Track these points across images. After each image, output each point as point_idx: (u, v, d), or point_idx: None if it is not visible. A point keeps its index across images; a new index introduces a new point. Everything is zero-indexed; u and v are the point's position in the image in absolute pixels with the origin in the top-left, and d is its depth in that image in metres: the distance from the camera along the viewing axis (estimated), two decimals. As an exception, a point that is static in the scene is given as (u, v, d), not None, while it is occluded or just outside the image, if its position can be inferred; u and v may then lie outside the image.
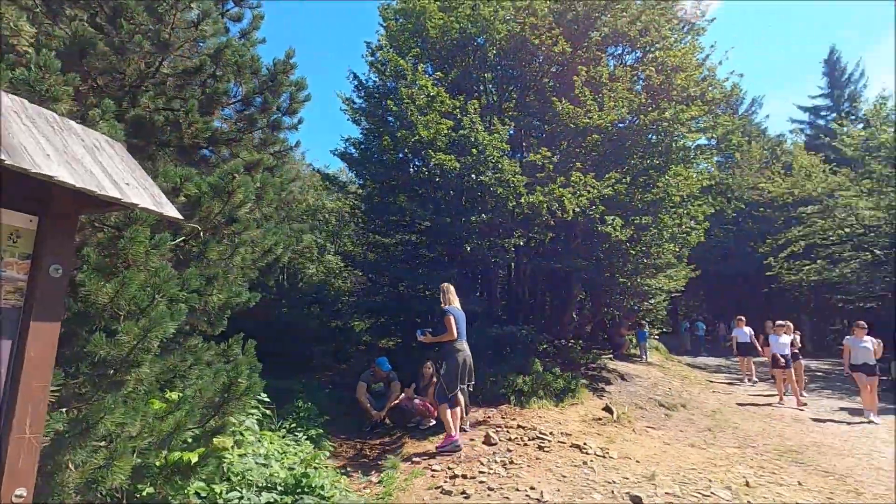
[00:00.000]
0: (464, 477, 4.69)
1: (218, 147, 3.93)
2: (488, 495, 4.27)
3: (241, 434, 3.46)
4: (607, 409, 7.42)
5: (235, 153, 4.18)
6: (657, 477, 4.87)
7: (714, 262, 26.09)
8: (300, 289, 12.66)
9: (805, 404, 9.47)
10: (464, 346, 5.58)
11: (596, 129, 8.18)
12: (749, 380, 12.41)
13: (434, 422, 6.52)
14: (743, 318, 13.46)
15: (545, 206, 6.96)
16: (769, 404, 9.57)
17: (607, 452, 5.56)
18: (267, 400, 4.04)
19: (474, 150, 6.98)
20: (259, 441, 3.66)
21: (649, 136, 9.07)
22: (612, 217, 7.67)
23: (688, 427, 7.43)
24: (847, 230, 17.34)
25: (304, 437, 4.58)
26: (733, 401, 10.08)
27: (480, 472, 4.80)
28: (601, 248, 9.41)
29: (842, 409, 9.62)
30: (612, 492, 4.42)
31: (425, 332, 5.81)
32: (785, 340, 10.13)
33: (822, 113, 28.59)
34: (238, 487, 2.84)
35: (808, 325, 22.89)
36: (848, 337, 9.21)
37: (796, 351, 10.53)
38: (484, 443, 5.73)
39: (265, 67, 4.00)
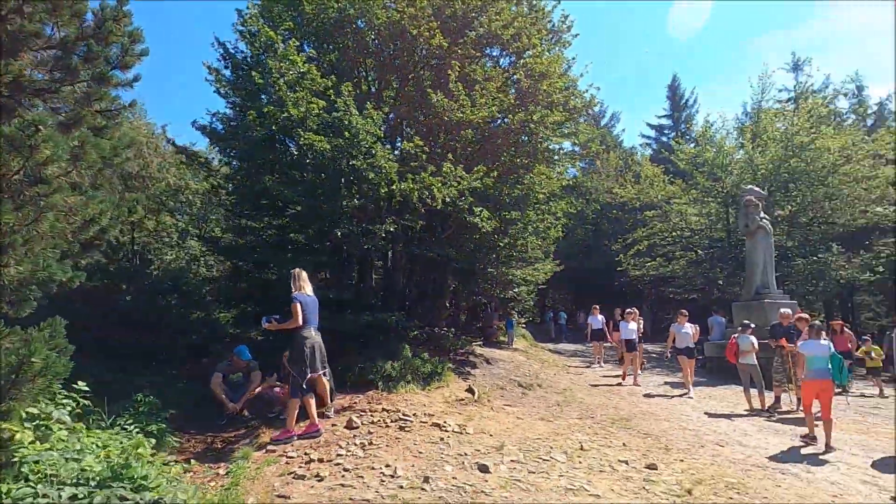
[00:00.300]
0: (320, 461, 4.62)
1: (27, 97, 3.33)
2: (343, 476, 4.26)
3: (48, 427, 3.01)
4: (470, 390, 7.83)
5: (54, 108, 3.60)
6: (505, 447, 5.27)
7: (577, 258, 28.86)
8: (154, 275, 11.39)
9: (639, 385, 10.77)
10: (311, 333, 5.43)
11: (468, 124, 8.53)
12: (599, 363, 13.90)
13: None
14: (597, 307, 14.87)
15: (416, 193, 7.12)
16: (618, 384, 10.75)
17: (464, 429, 5.86)
18: (86, 389, 3.55)
19: (347, 133, 6.87)
20: (73, 435, 3.22)
21: (519, 136, 9.70)
22: (480, 209, 8.09)
23: (540, 403, 8.14)
24: (678, 233, 20.26)
25: (138, 431, 4.13)
26: (583, 380, 11.26)
27: (338, 455, 4.76)
28: (472, 238, 9.87)
29: (666, 383, 11.25)
30: (463, 462, 4.68)
31: (271, 320, 5.56)
32: (633, 327, 11.51)
33: (665, 131, 33.05)
34: (36, 484, 2.47)
35: (649, 314, 26.33)
36: (673, 324, 10.69)
37: (639, 336, 12.01)
38: (346, 427, 5.69)
39: (91, 11, 3.47)
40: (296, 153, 7.68)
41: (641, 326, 12.77)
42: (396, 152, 8.13)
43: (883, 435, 7.00)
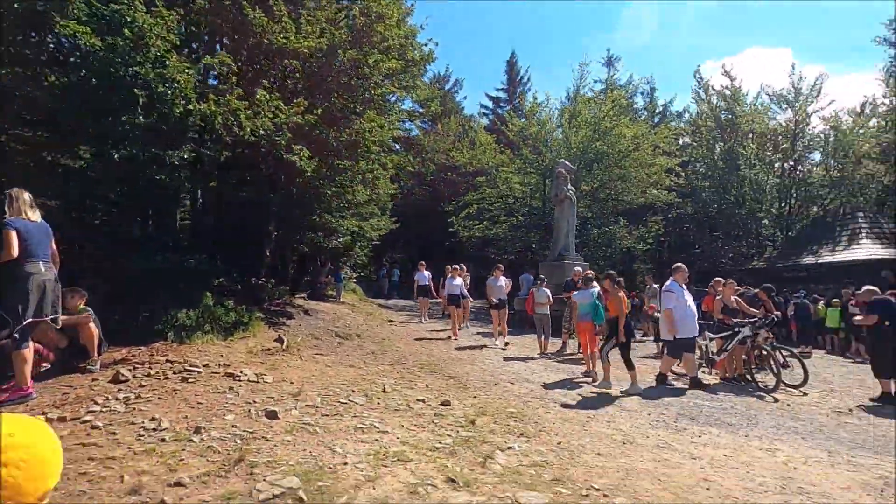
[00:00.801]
0: (61, 420, 3.81)
1: None
2: (88, 435, 3.56)
3: None
4: (279, 339, 7.39)
5: None
6: (303, 393, 5.05)
7: (415, 218, 29.58)
8: None
9: (457, 337, 11.39)
10: (38, 268, 4.32)
11: (294, 53, 7.71)
12: (424, 317, 14.25)
13: (49, 365, 5.18)
14: (423, 263, 15.27)
15: (219, 118, 6.19)
16: (442, 338, 11.20)
17: (262, 378, 5.47)
18: None
19: (128, 31, 5.57)
20: None
21: (351, 79, 9.15)
22: (300, 147, 7.46)
23: (355, 352, 8.09)
24: (503, 199, 21.91)
25: None
26: (406, 333, 11.57)
27: (90, 412, 3.99)
28: (296, 182, 9.17)
29: (479, 333, 12.21)
30: (249, 411, 4.32)
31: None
32: (457, 282, 12.05)
33: (501, 104, 35.18)
34: None
35: (474, 272, 28.39)
36: (489, 278, 11.49)
37: (464, 292, 12.59)
38: (111, 381, 4.83)
39: None
40: (54, 47, 6.02)
41: (468, 283, 13.56)
42: (201, 66, 6.93)
43: (644, 373, 8.56)
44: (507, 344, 10.38)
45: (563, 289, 11.08)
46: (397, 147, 23.11)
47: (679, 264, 7.57)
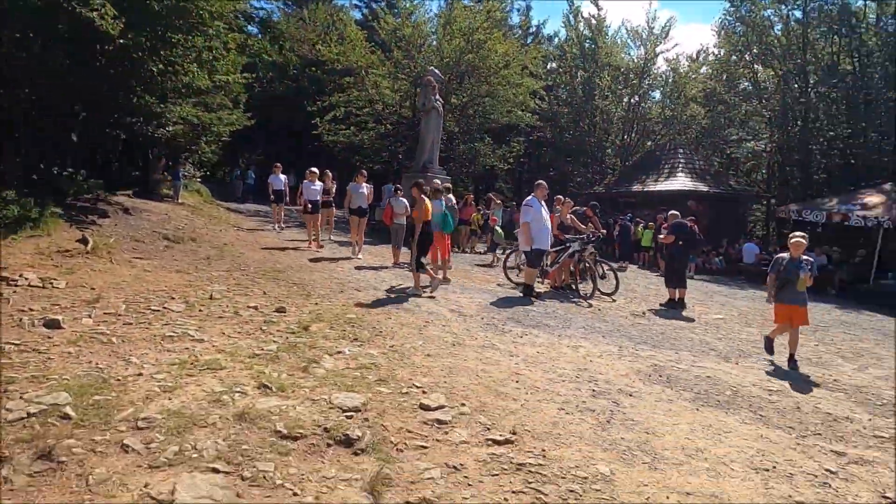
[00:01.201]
0: None
1: None
2: None
3: None
4: (83, 240, 6.26)
5: None
6: (104, 300, 4.37)
7: (277, 115, 26.79)
8: None
9: (322, 246, 10.80)
10: None
11: None
12: (278, 225, 13.07)
13: None
14: (279, 165, 13.79)
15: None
16: (295, 248, 10.51)
17: (51, 283, 4.59)
18: None
19: None
20: None
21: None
22: (100, 2, 5.87)
23: (186, 257, 7.27)
24: (372, 104, 20.76)
25: None
26: (255, 239, 10.74)
27: None
28: (103, 51, 7.38)
29: (337, 242, 11.87)
30: (21, 320, 3.60)
31: None
32: (317, 187, 11.16)
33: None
34: None
35: (338, 181, 27.25)
36: (351, 184, 10.74)
37: (329, 199, 11.65)
38: None
39: None
40: None
41: (333, 189, 12.70)
42: None
43: (482, 280, 9.10)
44: (359, 254, 10.11)
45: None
46: (251, 28, 20.11)
47: (540, 181, 7.86)
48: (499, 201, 14.40)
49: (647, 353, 5.10)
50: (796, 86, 20.03)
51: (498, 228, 12.40)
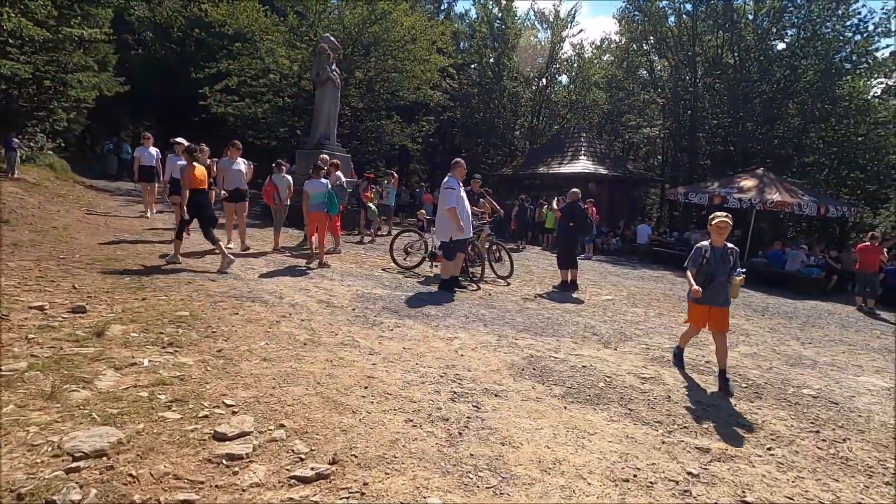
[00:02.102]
0: None
1: None
2: None
3: None
4: None
5: None
6: None
7: (157, 82, 23.78)
8: None
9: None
10: None
11: None
12: (150, 209, 10.93)
13: None
14: (149, 136, 11.67)
15: None
16: (162, 239, 9.16)
17: None
18: None
19: None
20: None
21: None
22: None
23: (-13, 243, 5.84)
24: (268, 74, 18.99)
25: None
26: (108, 224, 9.18)
27: None
28: None
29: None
30: None
31: None
32: (153, 152, 9.64)
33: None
34: None
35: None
36: (222, 159, 9.23)
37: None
38: None
39: None
40: None
41: (214, 169, 11.12)
42: None
43: (371, 265, 8.39)
44: (247, 248, 8.43)
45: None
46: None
47: (458, 160, 6.90)
48: (395, 178, 13.70)
49: (526, 343, 4.74)
50: (687, 77, 21.24)
51: (371, 205, 11.77)
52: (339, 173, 9.02)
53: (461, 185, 6.75)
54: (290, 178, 9.13)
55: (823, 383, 4.63)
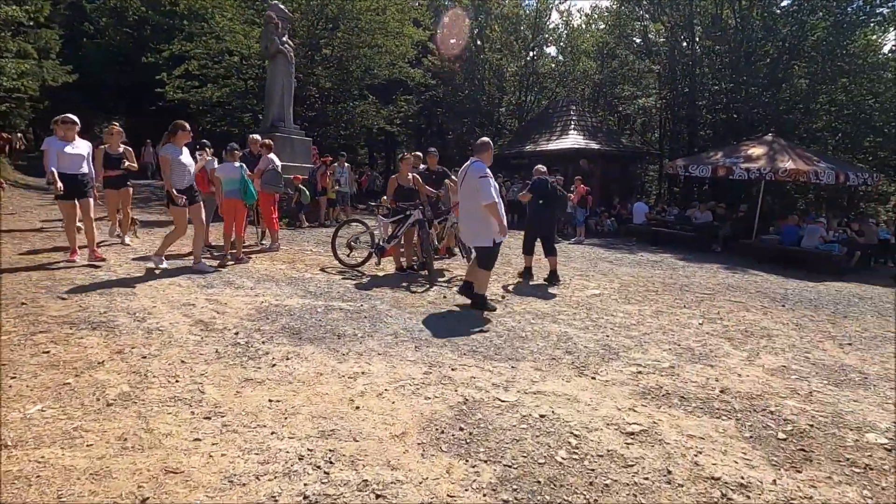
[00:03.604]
0: None
1: None
2: None
3: None
4: None
5: None
6: None
7: (112, 70, 22.20)
8: None
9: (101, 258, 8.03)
10: None
11: None
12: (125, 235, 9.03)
13: None
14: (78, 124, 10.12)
15: None
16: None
17: None
18: None
19: None
20: None
21: None
22: None
23: None
24: (225, 55, 17.40)
25: None
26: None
27: None
28: None
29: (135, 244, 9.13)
30: None
31: None
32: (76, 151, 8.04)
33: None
34: None
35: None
36: (166, 145, 7.30)
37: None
38: None
39: None
40: None
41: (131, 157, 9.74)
42: None
43: (308, 264, 6.99)
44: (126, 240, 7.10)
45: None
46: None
47: (485, 139, 5.18)
48: (347, 164, 12.24)
49: (465, 376, 3.35)
50: (684, 41, 19.57)
51: (303, 188, 10.33)
52: (272, 156, 7.57)
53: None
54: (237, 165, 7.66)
55: (891, 418, 3.24)
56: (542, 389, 3.21)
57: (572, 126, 17.53)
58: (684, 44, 19.49)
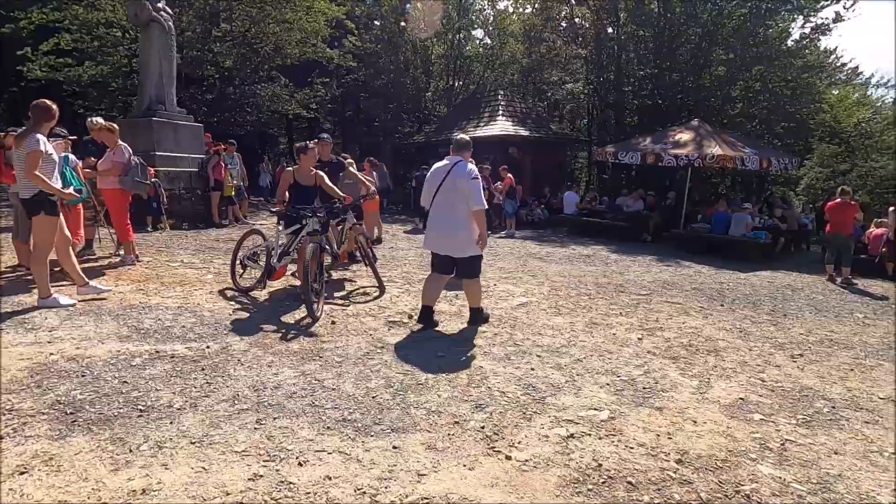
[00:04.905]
0: None
1: None
2: None
3: None
4: None
5: None
6: None
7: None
8: None
9: None
10: None
11: None
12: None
13: None
14: None
15: None
16: None
17: None
18: None
19: None
20: None
21: None
22: None
23: None
24: (100, 27, 14.87)
25: None
26: None
27: None
28: None
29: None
30: None
31: None
32: None
33: None
34: None
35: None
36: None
37: None
38: None
39: None
40: None
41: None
42: None
43: (157, 282, 5.52)
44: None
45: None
46: None
47: (464, 136, 4.65)
48: (237, 154, 10.66)
49: (316, 477, 2.20)
50: (610, 29, 19.25)
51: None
52: (123, 145, 5.97)
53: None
54: (74, 156, 5.92)
55: (890, 483, 2.46)
56: (429, 493, 2.12)
57: (500, 112, 16.69)
58: (610, 29, 19.18)
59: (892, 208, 8.55)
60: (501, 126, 16.04)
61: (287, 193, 5.02)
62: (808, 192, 24.80)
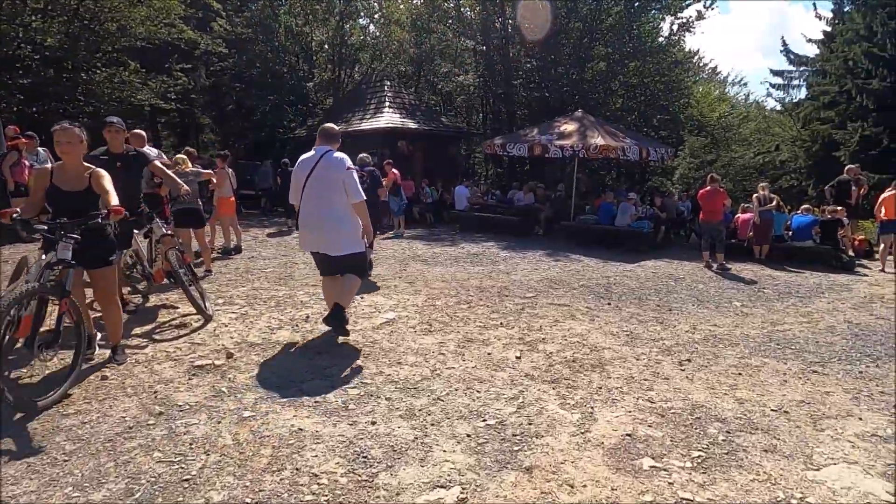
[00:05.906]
0: None
1: None
2: None
3: None
4: None
5: None
6: None
7: None
8: None
9: None
10: None
11: None
12: None
13: None
14: None
15: None
16: None
17: None
18: None
19: None
20: None
21: None
22: None
23: None
24: None
25: None
26: None
27: None
28: None
29: None
30: None
31: None
32: None
33: None
34: None
35: None
36: None
37: None
38: None
39: None
40: None
41: None
42: None
43: None
44: None
45: None
46: None
47: (330, 125, 4.13)
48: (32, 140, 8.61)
49: None
50: (497, 20, 19.02)
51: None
52: None
53: None
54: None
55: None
56: None
57: (387, 103, 15.67)
58: (497, 21, 18.96)
59: (755, 195, 8.88)
60: (388, 118, 15.04)
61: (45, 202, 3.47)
62: (682, 181, 26.79)
